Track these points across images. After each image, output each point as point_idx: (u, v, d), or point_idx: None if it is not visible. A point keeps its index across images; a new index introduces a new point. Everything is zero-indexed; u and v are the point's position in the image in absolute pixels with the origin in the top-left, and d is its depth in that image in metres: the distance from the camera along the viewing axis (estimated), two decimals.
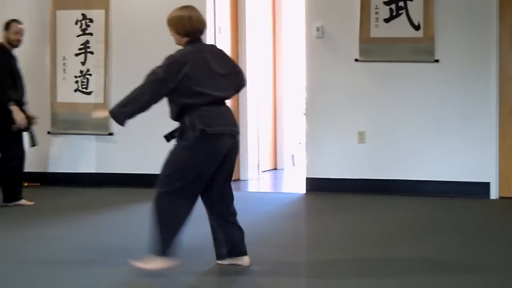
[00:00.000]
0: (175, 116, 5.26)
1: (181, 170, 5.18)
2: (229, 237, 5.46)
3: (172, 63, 5.21)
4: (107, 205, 8.34)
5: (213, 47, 5.64)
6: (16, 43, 8.33)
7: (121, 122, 5.28)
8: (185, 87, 5.16)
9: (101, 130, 9.57)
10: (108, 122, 9.36)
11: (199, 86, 5.18)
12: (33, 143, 8.45)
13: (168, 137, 5.32)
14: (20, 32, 8.33)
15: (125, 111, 5.22)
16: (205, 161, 5.21)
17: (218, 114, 5.23)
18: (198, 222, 5.69)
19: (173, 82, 5.16)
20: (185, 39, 5.38)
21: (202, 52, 5.32)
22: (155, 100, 5.21)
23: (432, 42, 8.69)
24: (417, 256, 5.86)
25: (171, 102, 5.28)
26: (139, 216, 7.55)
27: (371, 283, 5.10)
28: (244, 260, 5.48)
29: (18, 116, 8.09)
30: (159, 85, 5.18)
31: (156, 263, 5.23)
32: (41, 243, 6.48)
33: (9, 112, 8.07)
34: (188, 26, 5.36)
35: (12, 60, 8.29)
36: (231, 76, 5.39)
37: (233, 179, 9.70)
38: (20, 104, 8.23)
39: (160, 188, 5.20)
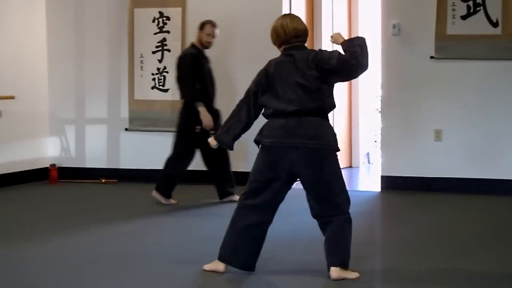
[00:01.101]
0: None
1: (251, 176, 5.30)
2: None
3: (259, 75, 5.31)
4: (184, 202, 8.41)
5: (306, 54, 5.32)
6: (207, 45, 8.28)
7: (229, 147, 5.41)
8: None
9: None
10: None
11: (265, 99, 5.24)
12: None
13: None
14: (211, 35, 8.25)
15: (230, 134, 5.34)
16: (263, 169, 5.22)
17: (281, 126, 5.15)
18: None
19: (263, 92, 5.24)
20: (281, 48, 5.37)
21: (286, 62, 5.26)
22: (251, 113, 5.28)
23: (511, 39, 8.55)
24: (494, 262, 5.78)
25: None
26: (212, 213, 7.62)
27: None
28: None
29: (205, 117, 7.99)
30: (252, 98, 5.28)
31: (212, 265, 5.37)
32: (114, 239, 6.58)
33: (196, 113, 8.00)
34: (282, 34, 5.33)
35: (201, 60, 8.21)
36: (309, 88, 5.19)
37: None
38: (209, 105, 8.13)
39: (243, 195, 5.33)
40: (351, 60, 5.16)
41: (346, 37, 5.44)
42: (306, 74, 5.15)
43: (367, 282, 5.16)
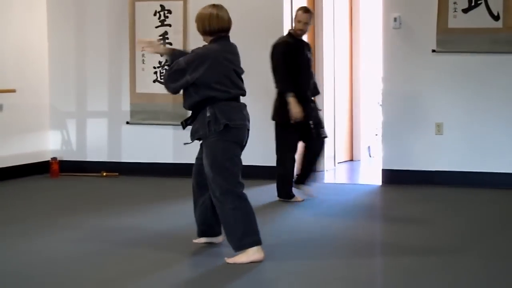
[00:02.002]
0: (191, 106, 5.60)
1: (225, 164, 5.47)
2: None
3: (194, 57, 5.49)
4: (184, 195, 8.42)
5: (235, 48, 5.79)
6: (298, 32, 7.88)
7: None
8: (204, 83, 5.45)
9: (181, 121, 9.61)
10: (187, 113, 9.43)
11: (218, 83, 5.47)
12: (318, 136, 7.99)
13: (184, 124, 5.78)
14: (302, 21, 7.81)
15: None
16: (233, 148, 5.52)
17: (237, 109, 5.53)
18: None
19: (191, 76, 5.44)
20: (210, 37, 5.64)
21: (224, 52, 5.58)
22: (175, 85, 5.54)
23: None
24: (493, 255, 5.80)
25: (188, 92, 5.56)
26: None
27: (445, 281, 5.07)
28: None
29: (294, 108, 7.62)
30: (178, 74, 5.48)
31: (249, 256, 5.43)
32: (117, 232, 6.59)
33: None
34: (215, 24, 5.63)
35: (296, 48, 7.84)
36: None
37: None
38: (303, 95, 7.79)
39: (223, 189, 5.45)
40: None
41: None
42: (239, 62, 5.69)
43: (368, 275, 5.17)
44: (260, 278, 5.16)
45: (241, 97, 5.65)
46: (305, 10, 7.89)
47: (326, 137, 8.10)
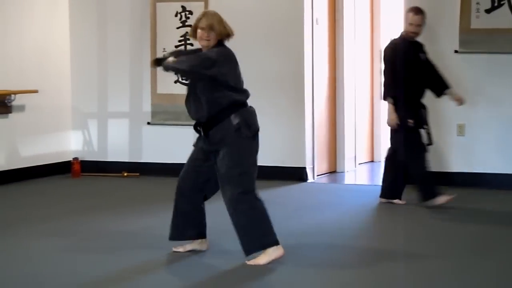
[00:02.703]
0: (216, 113, 5.47)
1: (249, 168, 5.50)
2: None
3: (221, 53, 5.48)
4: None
5: None
6: (411, 35, 7.59)
7: (166, 70, 5.57)
8: (227, 81, 5.43)
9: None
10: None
11: (239, 84, 5.55)
12: (429, 142, 7.67)
13: (201, 133, 5.64)
14: (414, 23, 7.53)
15: (173, 66, 5.51)
16: (255, 152, 5.57)
17: (254, 114, 5.61)
18: None
19: (219, 69, 5.38)
20: (216, 41, 5.59)
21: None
22: (198, 71, 5.43)
23: None
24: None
25: (212, 99, 5.46)
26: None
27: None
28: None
29: (390, 114, 7.42)
30: (209, 63, 5.39)
31: (270, 255, 5.43)
32: (136, 233, 6.61)
33: (403, 106, 7.37)
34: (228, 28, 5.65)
35: (407, 51, 7.53)
36: None
37: (329, 171, 9.74)
38: (413, 100, 7.53)
39: (244, 189, 5.45)
40: None
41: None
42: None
43: (390, 278, 5.15)
44: (278, 279, 5.16)
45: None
46: (416, 11, 7.58)
47: (431, 144, 7.75)
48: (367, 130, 11.43)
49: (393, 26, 11.46)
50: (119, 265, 5.52)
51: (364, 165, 11.08)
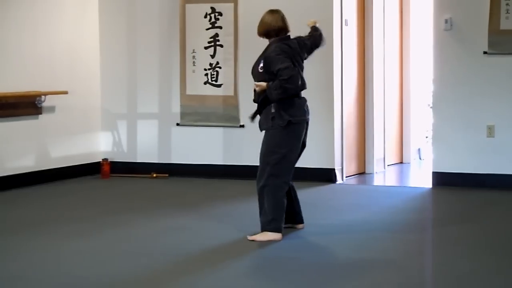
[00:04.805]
0: (262, 101, 6.27)
1: (285, 154, 6.22)
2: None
3: (281, 51, 6.28)
4: (233, 196, 8.45)
5: (295, 43, 6.70)
6: None
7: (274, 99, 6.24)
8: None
9: (232, 123, 9.62)
10: (239, 114, 9.46)
11: None
12: None
13: (252, 118, 6.44)
14: None
15: (277, 93, 6.20)
16: (292, 140, 6.28)
17: (299, 105, 6.35)
18: None
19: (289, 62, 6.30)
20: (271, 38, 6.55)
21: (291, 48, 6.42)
22: (291, 73, 6.20)
23: None
24: None
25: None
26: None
27: None
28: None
29: None
30: (291, 68, 6.28)
31: (269, 236, 6.14)
32: (166, 234, 6.64)
33: None
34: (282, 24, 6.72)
35: None
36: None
37: (358, 172, 9.78)
38: None
39: (268, 175, 6.19)
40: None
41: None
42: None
43: (419, 279, 5.15)
44: (309, 278, 5.17)
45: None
46: None
47: None
48: (396, 131, 11.40)
49: (423, 27, 11.45)
50: (152, 266, 5.55)
51: (393, 167, 11.05)
